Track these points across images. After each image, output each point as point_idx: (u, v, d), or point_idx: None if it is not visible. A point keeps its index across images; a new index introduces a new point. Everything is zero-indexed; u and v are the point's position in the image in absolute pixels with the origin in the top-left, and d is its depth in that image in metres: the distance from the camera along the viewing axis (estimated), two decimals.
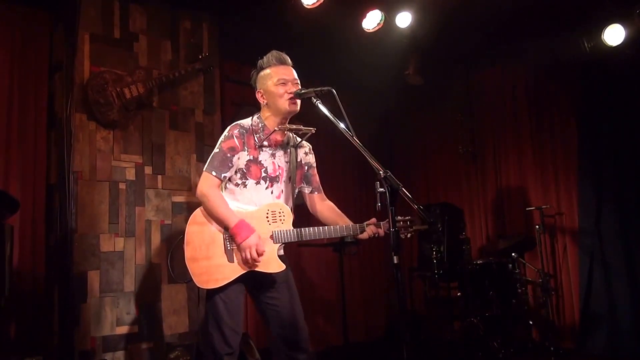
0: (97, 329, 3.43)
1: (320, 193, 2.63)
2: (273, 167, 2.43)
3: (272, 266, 2.32)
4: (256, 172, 2.39)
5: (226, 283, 2.26)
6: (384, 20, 4.17)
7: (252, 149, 2.39)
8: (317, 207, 2.59)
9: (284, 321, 2.36)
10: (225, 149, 2.35)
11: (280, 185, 2.45)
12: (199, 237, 2.30)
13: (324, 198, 2.63)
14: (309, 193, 2.61)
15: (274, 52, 2.44)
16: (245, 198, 2.38)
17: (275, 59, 2.42)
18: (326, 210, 2.57)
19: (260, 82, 2.44)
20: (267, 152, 2.43)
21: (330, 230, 2.38)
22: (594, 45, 4.25)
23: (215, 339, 2.27)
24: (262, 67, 2.44)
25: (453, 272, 4.56)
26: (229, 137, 2.37)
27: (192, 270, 2.25)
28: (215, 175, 2.32)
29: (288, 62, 2.44)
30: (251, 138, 2.40)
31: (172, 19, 4.10)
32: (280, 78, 2.37)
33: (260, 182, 2.39)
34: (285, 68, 2.41)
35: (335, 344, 4.96)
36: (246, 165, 2.37)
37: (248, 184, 2.38)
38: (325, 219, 2.54)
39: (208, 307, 2.33)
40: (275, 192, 2.43)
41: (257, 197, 2.38)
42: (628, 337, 4.16)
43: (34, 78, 3.68)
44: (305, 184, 2.60)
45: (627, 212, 4.33)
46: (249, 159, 2.38)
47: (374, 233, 2.39)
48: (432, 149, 5.90)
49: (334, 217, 2.52)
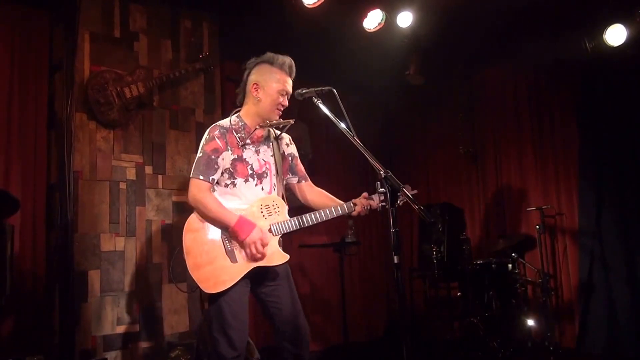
0: (97, 328, 3.44)
1: (308, 181, 2.63)
2: (259, 163, 2.44)
3: (276, 259, 2.33)
4: (242, 170, 2.39)
5: (234, 283, 2.25)
6: (385, 19, 4.17)
7: (235, 148, 2.39)
8: (307, 195, 2.60)
9: (285, 318, 2.37)
10: (209, 152, 2.34)
11: (269, 180, 2.45)
12: (197, 244, 2.29)
13: (312, 185, 2.64)
14: (296, 183, 2.61)
15: (288, 58, 2.44)
16: (237, 197, 2.38)
17: (287, 66, 2.43)
18: (316, 196, 2.58)
19: (262, 76, 2.42)
20: (251, 149, 2.44)
21: (326, 213, 2.39)
22: (596, 46, 4.25)
23: (220, 344, 2.25)
24: (272, 63, 2.42)
25: (453, 272, 4.56)
26: (211, 139, 2.36)
27: (197, 278, 2.24)
28: (204, 179, 2.31)
29: (293, 76, 2.46)
30: (232, 137, 2.40)
31: (172, 19, 4.10)
32: (284, 89, 2.40)
33: (249, 180, 2.40)
34: (289, 80, 2.44)
35: (335, 344, 4.96)
36: (232, 164, 2.37)
37: (237, 182, 2.38)
38: (317, 205, 2.54)
39: (212, 310, 2.30)
40: (266, 188, 2.44)
41: (249, 194, 2.39)
42: (628, 337, 4.16)
43: (34, 77, 3.67)
44: (291, 174, 2.60)
45: (627, 212, 4.33)
46: (233, 158, 2.38)
47: (365, 206, 2.40)
48: (433, 148, 5.90)
49: (325, 201, 2.53)
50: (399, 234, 1.86)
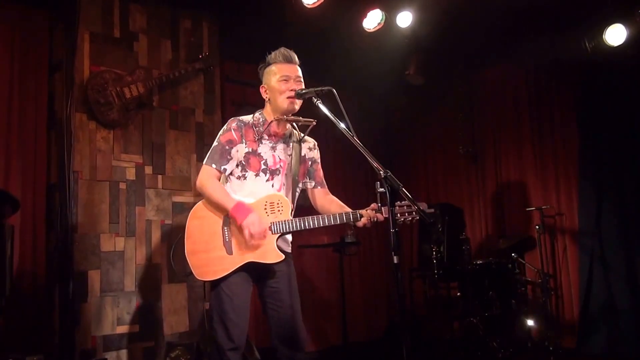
0: (97, 328, 3.44)
1: (324, 188, 2.62)
2: (273, 160, 2.44)
3: (270, 256, 2.33)
4: (255, 164, 2.40)
5: (225, 275, 2.28)
6: (384, 19, 4.16)
7: (251, 142, 2.41)
8: (318, 201, 2.59)
9: (282, 320, 2.38)
10: (224, 142, 2.39)
11: (281, 178, 2.45)
12: (199, 230, 2.35)
13: (327, 193, 2.63)
14: (312, 188, 2.61)
15: (282, 49, 2.45)
16: (245, 191, 2.39)
17: (281, 55, 2.43)
18: (327, 203, 2.57)
19: (265, 78, 2.45)
20: (267, 145, 2.44)
21: (329, 218, 2.35)
22: (596, 45, 4.24)
23: (218, 334, 2.30)
24: (269, 62, 2.45)
25: (453, 272, 4.56)
26: (227, 130, 2.41)
27: (191, 262, 2.31)
28: (215, 167, 2.36)
29: (294, 61, 2.44)
30: (250, 131, 2.42)
31: (172, 19, 4.10)
32: (283, 75, 2.38)
33: (260, 175, 2.40)
34: (290, 66, 2.42)
35: (335, 344, 4.96)
36: (245, 157, 2.39)
37: (247, 176, 2.39)
38: (324, 211, 2.53)
39: (213, 301, 2.35)
40: (276, 185, 2.44)
41: (257, 189, 2.39)
42: (628, 337, 4.17)
43: (34, 77, 3.67)
44: (308, 179, 2.60)
45: (627, 212, 4.33)
46: (247, 151, 2.40)
47: (372, 218, 2.36)
48: (433, 148, 5.90)
49: (334, 209, 2.51)
50: (399, 234, 1.87)
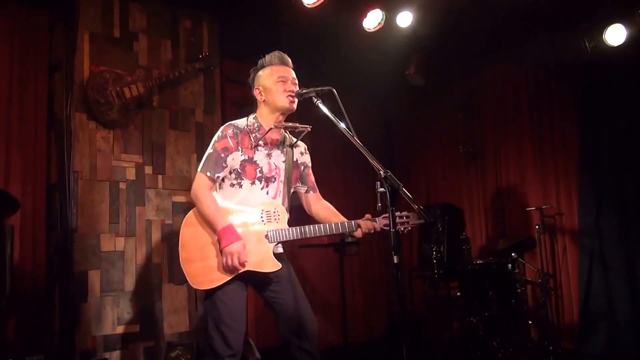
0: (97, 328, 3.44)
1: (316, 192, 2.63)
2: (269, 167, 2.43)
3: (268, 265, 2.32)
4: (251, 172, 2.38)
5: (222, 283, 2.26)
6: (384, 19, 4.16)
7: (247, 149, 2.39)
8: (312, 207, 2.60)
9: (290, 314, 2.38)
10: (220, 149, 2.35)
11: (276, 185, 2.44)
12: (193, 238, 2.32)
13: (320, 198, 2.63)
14: (304, 192, 2.61)
15: (276, 52, 2.46)
16: (240, 199, 2.37)
17: (277, 58, 2.43)
18: (322, 210, 2.57)
19: (260, 80, 2.44)
20: (263, 152, 2.43)
21: (325, 228, 2.37)
22: (595, 45, 4.24)
23: (215, 341, 2.26)
24: (263, 65, 2.45)
25: (453, 272, 4.55)
26: (223, 137, 2.37)
27: (187, 272, 2.28)
28: (209, 176, 2.33)
29: (289, 64, 2.45)
30: (246, 138, 2.40)
31: (172, 18, 4.10)
32: (280, 76, 2.39)
33: (256, 182, 2.39)
34: (286, 68, 2.43)
35: (335, 344, 4.96)
36: (241, 165, 2.37)
37: (243, 184, 2.38)
38: (321, 219, 2.53)
39: (208, 308, 2.32)
40: (271, 192, 2.43)
41: (253, 197, 2.38)
42: (627, 337, 4.16)
43: (34, 77, 3.67)
44: (300, 183, 2.60)
45: (627, 212, 4.32)
46: (243, 159, 2.37)
47: (368, 229, 2.39)
48: (433, 148, 5.90)
49: (329, 217, 2.51)
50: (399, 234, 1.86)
